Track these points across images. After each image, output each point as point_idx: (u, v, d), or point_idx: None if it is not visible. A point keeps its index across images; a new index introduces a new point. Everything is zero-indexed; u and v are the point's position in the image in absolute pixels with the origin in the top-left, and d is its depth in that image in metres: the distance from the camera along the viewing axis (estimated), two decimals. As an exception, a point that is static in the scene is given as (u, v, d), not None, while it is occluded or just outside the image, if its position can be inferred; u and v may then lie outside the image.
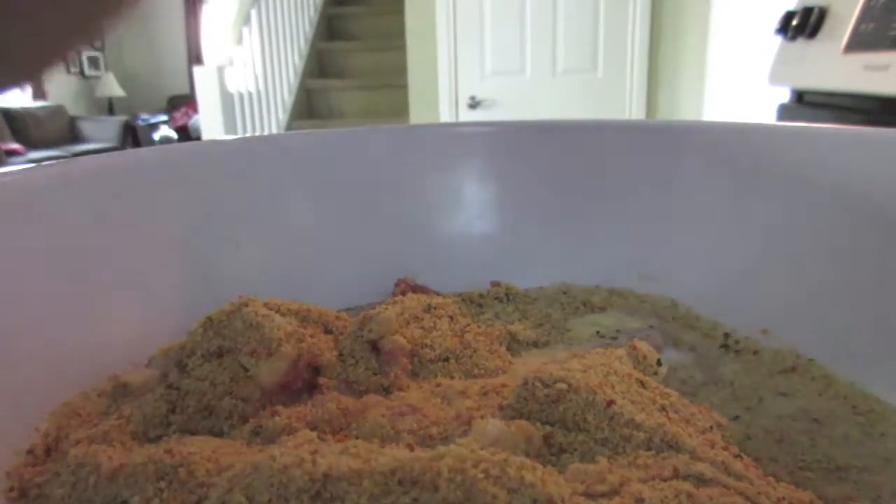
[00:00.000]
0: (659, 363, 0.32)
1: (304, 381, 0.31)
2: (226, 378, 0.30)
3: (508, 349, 0.39)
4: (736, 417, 0.33)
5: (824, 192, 0.41)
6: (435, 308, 0.37)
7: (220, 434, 0.29)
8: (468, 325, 0.38)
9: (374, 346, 0.32)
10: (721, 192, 0.47)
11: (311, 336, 0.33)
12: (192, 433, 0.29)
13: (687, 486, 0.21)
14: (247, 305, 0.32)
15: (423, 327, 0.35)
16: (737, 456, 0.24)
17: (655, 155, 0.49)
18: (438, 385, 0.31)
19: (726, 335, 0.42)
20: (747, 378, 0.37)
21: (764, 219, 0.44)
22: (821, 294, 0.40)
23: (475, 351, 0.35)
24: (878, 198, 0.38)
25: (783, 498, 0.22)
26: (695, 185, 0.48)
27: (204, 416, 0.29)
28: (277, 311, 0.35)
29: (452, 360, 0.34)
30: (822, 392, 0.35)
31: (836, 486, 0.27)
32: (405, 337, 0.33)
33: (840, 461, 0.29)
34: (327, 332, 0.36)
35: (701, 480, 0.22)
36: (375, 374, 0.32)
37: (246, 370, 0.30)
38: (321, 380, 0.32)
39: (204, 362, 0.31)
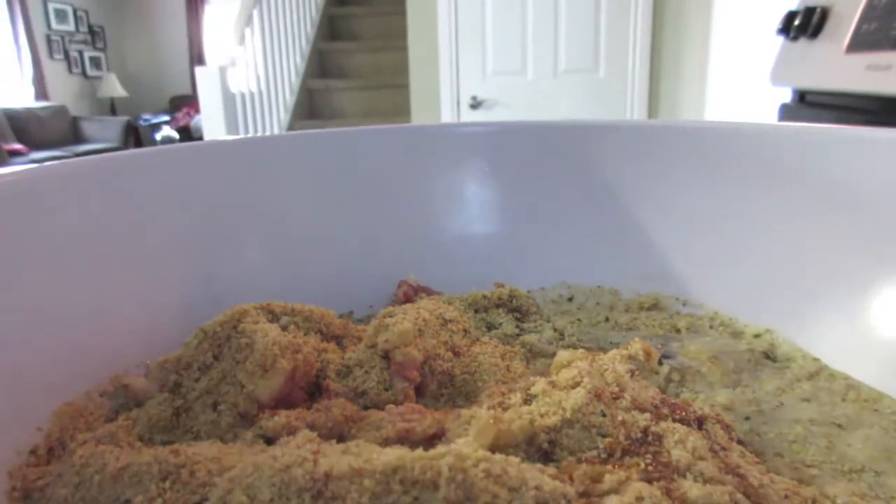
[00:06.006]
0: (660, 363, 0.32)
1: (302, 391, 0.31)
2: (225, 400, 0.30)
3: (524, 360, 0.38)
4: (747, 418, 0.33)
5: (825, 192, 0.41)
6: (450, 322, 0.37)
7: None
8: (479, 338, 0.38)
9: (386, 355, 0.32)
10: (721, 192, 0.47)
11: (308, 344, 0.32)
12: (197, 439, 0.29)
13: (687, 483, 0.21)
14: (241, 320, 0.32)
15: (438, 340, 0.34)
16: (739, 453, 0.24)
17: (656, 155, 0.49)
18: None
19: (757, 336, 0.42)
20: (771, 383, 0.37)
21: (764, 218, 0.44)
22: (822, 294, 0.40)
23: (480, 365, 0.34)
24: (880, 197, 0.38)
25: (786, 496, 0.22)
26: (695, 186, 0.48)
27: (206, 436, 0.29)
28: (278, 313, 0.35)
29: (462, 377, 0.33)
30: (844, 396, 0.35)
31: (844, 485, 0.26)
32: (418, 348, 0.32)
33: (856, 463, 0.29)
34: (329, 335, 0.36)
35: (701, 477, 0.22)
36: (386, 390, 0.31)
37: (243, 386, 0.30)
38: (330, 384, 0.32)
39: (201, 376, 0.31)
